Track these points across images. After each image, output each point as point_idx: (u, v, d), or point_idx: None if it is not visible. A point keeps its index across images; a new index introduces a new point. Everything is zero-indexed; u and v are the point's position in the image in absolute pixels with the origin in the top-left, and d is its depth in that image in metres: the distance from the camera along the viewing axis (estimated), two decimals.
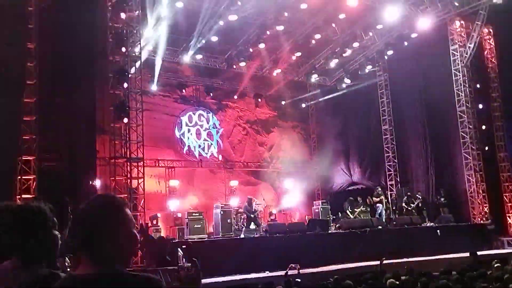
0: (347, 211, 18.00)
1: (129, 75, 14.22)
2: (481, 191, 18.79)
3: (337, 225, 16.66)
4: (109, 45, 14.58)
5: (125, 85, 14.06)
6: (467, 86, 19.29)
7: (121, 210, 1.84)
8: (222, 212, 15.76)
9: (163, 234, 15.62)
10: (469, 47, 19.44)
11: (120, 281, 1.72)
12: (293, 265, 11.14)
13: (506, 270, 8.07)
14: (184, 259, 10.93)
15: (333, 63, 20.96)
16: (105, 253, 1.76)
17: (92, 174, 14.90)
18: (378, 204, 18.40)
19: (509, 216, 19.28)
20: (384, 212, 18.22)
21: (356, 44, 19.83)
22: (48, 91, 13.13)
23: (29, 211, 2.15)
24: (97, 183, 14.60)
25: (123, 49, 14.37)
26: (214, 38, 17.56)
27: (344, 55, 20.43)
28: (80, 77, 13.55)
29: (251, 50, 19.10)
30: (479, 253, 12.37)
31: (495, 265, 8.94)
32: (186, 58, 18.79)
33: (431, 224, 17.67)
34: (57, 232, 2.19)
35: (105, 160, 15.41)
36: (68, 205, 7.22)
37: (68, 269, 6.78)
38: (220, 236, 15.18)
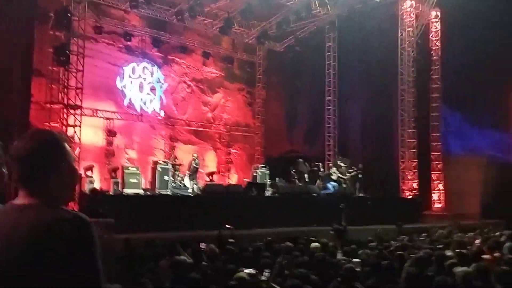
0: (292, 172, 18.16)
1: (72, 17, 13.43)
2: (412, 168, 19.69)
3: (274, 190, 16.93)
4: None
5: (67, 27, 13.30)
6: (410, 65, 19.88)
7: (61, 144, 1.78)
8: (160, 169, 15.55)
9: (97, 185, 15.24)
10: (416, 27, 19.94)
11: (49, 212, 1.65)
12: (227, 226, 11.22)
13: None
14: None
15: (284, 29, 20.80)
16: (46, 188, 1.71)
17: (25, 118, 14.17)
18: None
19: (434, 193, 20.43)
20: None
21: (309, 13, 19.75)
22: None
23: None
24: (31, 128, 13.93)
25: None
26: None
27: (296, 22, 20.33)
28: (17, 13, 12.64)
29: (203, 6, 18.56)
30: (404, 226, 13.02)
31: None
32: (135, 6, 17.90)
33: (363, 195, 18.38)
34: (5, 170, 2.05)
35: (40, 104, 14.70)
36: None
37: None
38: (156, 192, 15.02)
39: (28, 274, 1.58)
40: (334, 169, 18.24)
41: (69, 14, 13.31)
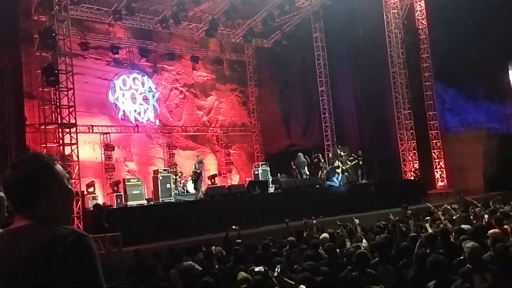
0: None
1: (57, 36, 13.39)
2: (412, 149, 19.70)
3: (276, 186, 16.93)
4: (33, 3, 13.62)
5: (53, 47, 13.25)
6: (399, 47, 19.88)
7: (49, 166, 1.79)
8: (161, 177, 15.54)
9: (100, 201, 15.25)
10: (400, 8, 19.94)
11: (45, 231, 1.67)
12: (234, 227, 11.22)
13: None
14: None
15: (269, 25, 20.78)
16: (39, 211, 1.72)
17: (21, 142, 14.18)
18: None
19: (436, 171, 20.44)
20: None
21: (292, 6, 19.73)
22: None
23: None
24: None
25: (49, 8, 13.46)
26: None
27: (280, 17, 20.31)
28: (2, 37, 12.63)
29: (186, 11, 18.55)
30: (410, 207, 12.98)
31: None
32: (118, 18, 17.87)
33: (366, 181, 18.39)
34: (3, 194, 2.12)
35: (35, 127, 14.70)
36: None
37: None
38: (160, 201, 15.02)
39: None
40: (337, 162, 18.12)
41: (53, 34, 13.23)
